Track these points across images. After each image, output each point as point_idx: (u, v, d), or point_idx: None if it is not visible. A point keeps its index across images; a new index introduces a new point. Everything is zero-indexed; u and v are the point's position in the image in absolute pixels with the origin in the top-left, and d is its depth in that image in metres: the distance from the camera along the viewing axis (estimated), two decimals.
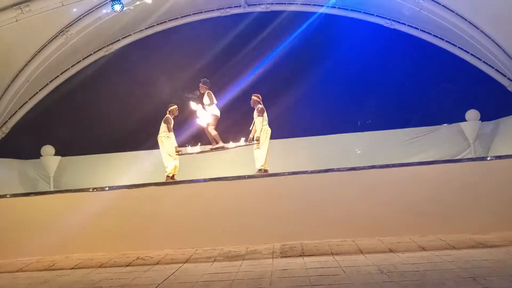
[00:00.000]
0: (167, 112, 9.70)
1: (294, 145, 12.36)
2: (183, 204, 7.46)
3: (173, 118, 9.70)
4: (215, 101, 9.76)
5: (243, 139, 9.81)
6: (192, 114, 9.95)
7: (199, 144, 10.09)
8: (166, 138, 9.47)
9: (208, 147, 9.99)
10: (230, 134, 10.24)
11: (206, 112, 9.71)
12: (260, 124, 9.42)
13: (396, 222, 6.94)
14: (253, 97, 9.76)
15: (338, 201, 7.17)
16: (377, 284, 4.63)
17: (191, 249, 7.03)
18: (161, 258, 6.63)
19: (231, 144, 9.87)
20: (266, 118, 9.58)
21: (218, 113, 9.81)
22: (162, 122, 9.63)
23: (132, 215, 7.42)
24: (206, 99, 9.75)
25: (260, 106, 9.56)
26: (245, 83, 12.54)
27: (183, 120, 10.44)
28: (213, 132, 9.74)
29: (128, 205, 7.54)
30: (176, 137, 9.78)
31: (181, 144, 10.04)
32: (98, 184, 9.29)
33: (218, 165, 11.20)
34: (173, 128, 9.69)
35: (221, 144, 9.75)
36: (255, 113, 9.57)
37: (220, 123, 10.03)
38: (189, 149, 9.94)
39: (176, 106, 9.80)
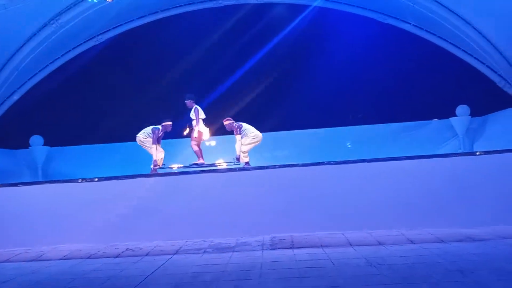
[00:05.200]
0: (160, 126, 9.51)
1: (285, 138, 12.37)
2: (173, 196, 7.43)
3: (163, 133, 9.55)
4: (201, 116, 9.66)
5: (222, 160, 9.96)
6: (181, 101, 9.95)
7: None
8: (144, 138, 9.39)
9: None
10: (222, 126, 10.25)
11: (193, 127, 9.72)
12: (240, 142, 9.38)
13: (385, 215, 7.00)
14: (225, 123, 9.69)
15: (328, 194, 7.20)
16: (365, 276, 4.65)
17: (181, 240, 7.03)
18: (151, 250, 6.61)
19: (211, 163, 9.87)
20: (250, 128, 9.50)
21: (204, 130, 9.73)
22: (150, 128, 9.46)
23: (122, 206, 7.37)
24: (192, 114, 9.70)
25: (235, 124, 9.50)
26: (238, 75, 12.50)
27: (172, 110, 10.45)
28: (195, 148, 9.68)
29: (118, 196, 7.49)
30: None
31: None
32: (87, 175, 9.20)
33: (208, 158, 11.18)
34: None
35: (201, 161, 9.69)
36: (236, 135, 9.51)
37: (213, 115, 10.00)
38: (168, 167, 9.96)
39: (171, 123, 9.59)
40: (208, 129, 9.85)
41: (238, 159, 9.43)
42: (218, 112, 10.40)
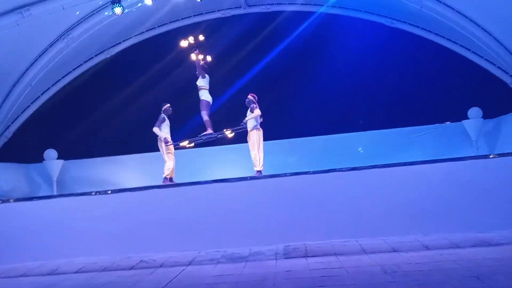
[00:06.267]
0: (161, 111, 9.72)
1: (296, 145, 12.34)
2: (186, 206, 7.46)
3: (167, 117, 9.68)
4: (207, 86, 9.79)
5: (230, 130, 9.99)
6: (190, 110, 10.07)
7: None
8: (160, 140, 9.51)
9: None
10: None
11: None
12: (252, 114, 9.36)
13: (399, 222, 6.93)
14: (249, 96, 9.68)
15: (340, 201, 7.16)
16: (380, 284, 4.62)
17: (195, 251, 7.03)
18: (165, 261, 6.63)
19: (220, 132, 10.00)
20: (259, 119, 9.52)
21: (209, 99, 9.88)
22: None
23: (135, 218, 7.42)
24: (199, 81, 9.92)
25: (255, 105, 9.52)
26: (246, 83, 12.54)
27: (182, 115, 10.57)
28: (204, 117, 9.84)
29: (131, 208, 7.54)
30: (175, 130, 9.90)
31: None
32: (101, 188, 9.29)
33: (218, 167, 11.24)
34: (171, 123, 9.74)
35: (209, 131, 9.80)
36: (248, 112, 9.53)
37: (221, 123, 10.08)
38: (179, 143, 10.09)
39: (168, 104, 9.81)
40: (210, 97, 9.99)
41: (245, 123, 9.43)
42: (226, 120, 10.44)
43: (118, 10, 10.43)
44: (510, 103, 11.38)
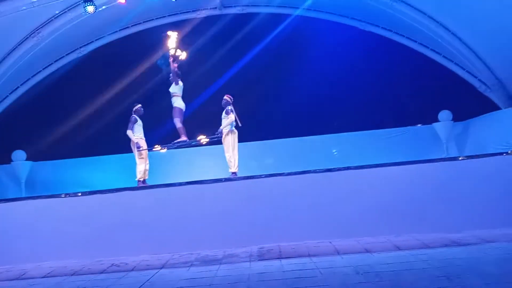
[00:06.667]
0: (132, 112, 9.57)
1: (271, 147, 12.37)
2: (159, 209, 7.36)
3: (139, 117, 9.53)
4: (179, 92, 9.70)
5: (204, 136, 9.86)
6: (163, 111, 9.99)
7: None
8: (133, 142, 9.37)
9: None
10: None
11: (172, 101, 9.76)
12: (227, 120, 9.36)
13: (372, 222, 7.03)
14: (225, 97, 9.65)
15: (315, 203, 7.20)
16: (353, 285, 4.66)
17: (168, 254, 6.95)
18: (137, 264, 6.52)
19: (194, 140, 9.90)
20: (234, 121, 9.51)
21: (182, 106, 9.78)
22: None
23: (107, 220, 7.27)
24: (172, 88, 9.75)
25: (230, 107, 9.51)
26: (221, 85, 12.48)
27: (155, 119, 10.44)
28: (177, 124, 9.72)
29: (102, 210, 7.40)
30: (149, 133, 9.75)
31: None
32: (72, 190, 9.06)
33: (193, 168, 11.15)
34: (144, 122, 9.58)
35: (183, 138, 9.70)
36: (224, 114, 9.52)
37: (192, 125, 10.01)
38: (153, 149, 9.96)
39: (140, 105, 9.65)
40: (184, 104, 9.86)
41: (221, 131, 9.40)
42: (201, 122, 10.36)
43: (90, 8, 10.21)
44: (478, 106, 11.73)
